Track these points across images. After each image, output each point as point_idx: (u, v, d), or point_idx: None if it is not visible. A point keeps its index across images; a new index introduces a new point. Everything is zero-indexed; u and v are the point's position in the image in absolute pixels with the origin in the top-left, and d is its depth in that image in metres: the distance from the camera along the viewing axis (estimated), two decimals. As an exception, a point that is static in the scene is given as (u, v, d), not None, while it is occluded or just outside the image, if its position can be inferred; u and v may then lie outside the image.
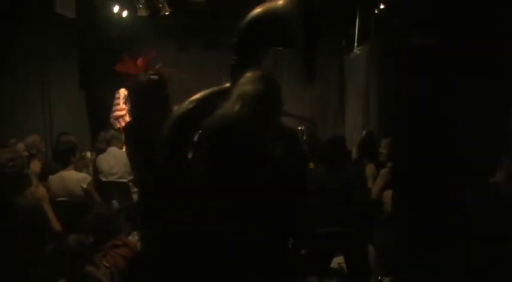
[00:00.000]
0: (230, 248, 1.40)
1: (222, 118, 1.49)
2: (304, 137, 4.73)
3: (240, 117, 1.47)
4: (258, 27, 1.92)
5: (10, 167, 2.60)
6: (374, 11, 7.08)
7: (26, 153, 4.17)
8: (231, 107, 1.52)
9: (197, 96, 1.87)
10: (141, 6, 7.05)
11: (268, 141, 1.50)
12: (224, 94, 1.68)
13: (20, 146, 4.40)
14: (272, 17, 1.90)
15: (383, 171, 4.19)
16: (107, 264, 2.76)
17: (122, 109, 7.40)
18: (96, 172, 4.97)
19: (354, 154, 5.11)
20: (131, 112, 2.77)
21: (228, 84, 1.84)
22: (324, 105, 9.18)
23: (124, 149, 5.48)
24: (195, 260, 1.29)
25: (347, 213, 3.47)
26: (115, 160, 4.93)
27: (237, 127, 1.45)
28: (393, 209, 3.53)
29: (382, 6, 6.87)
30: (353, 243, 3.48)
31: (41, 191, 3.34)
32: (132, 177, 4.87)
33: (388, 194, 3.36)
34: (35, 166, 4.07)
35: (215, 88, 1.89)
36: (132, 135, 2.71)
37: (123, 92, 7.56)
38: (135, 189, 5.02)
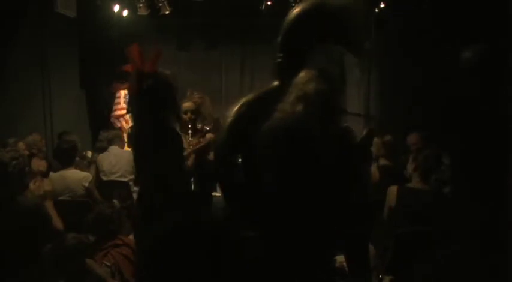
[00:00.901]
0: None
1: (286, 120, 1.45)
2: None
3: (305, 119, 1.44)
4: (309, 22, 1.77)
5: (13, 166, 2.61)
6: (374, 10, 7.08)
7: (26, 152, 4.17)
8: (292, 108, 1.47)
9: (248, 98, 1.78)
10: (141, 5, 7.06)
11: (330, 141, 1.47)
12: (276, 94, 1.62)
13: (21, 145, 4.40)
14: (329, 11, 1.76)
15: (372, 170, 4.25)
16: (108, 264, 2.76)
17: (122, 108, 7.40)
18: (97, 171, 4.97)
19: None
20: (141, 113, 2.66)
21: (276, 83, 1.76)
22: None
23: (126, 148, 5.50)
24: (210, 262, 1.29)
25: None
26: (116, 159, 4.93)
27: (302, 129, 1.42)
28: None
29: (382, 5, 6.88)
30: (354, 241, 3.48)
31: (44, 187, 3.35)
32: (132, 176, 4.88)
33: (393, 190, 3.36)
34: (36, 165, 4.08)
35: (264, 89, 1.81)
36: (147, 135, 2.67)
37: (123, 92, 7.56)
38: (136, 189, 5.03)
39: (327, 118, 1.50)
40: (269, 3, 7.37)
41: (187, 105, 4.16)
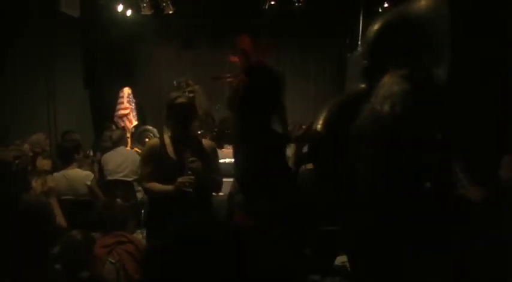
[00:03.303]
0: None
1: (375, 117, 1.56)
2: None
3: (391, 116, 1.54)
4: (394, 32, 1.88)
5: (16, 164, 2.63)
6: (378, 9, 7.08)
7: (30, 154, 4.18)
8: (380, 106, 1.60)
9: (338, 100, 1.91)
10: (145, 5, 7.08)
11: (415, 137, 1.57)
12: (364, 95, 1.72)
13: (26, 146, 4.41)
14: (413, 22, 1.85)
15: None
16: (113, 261, 2.77)
17: (125, 108, 7.43)
18: (101, 170, 5.00)
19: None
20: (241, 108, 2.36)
21: (363, 86, 1.88)
22: (324, 102, 9.18)
23: (131, 148, 5.52)
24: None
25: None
26: (122, 158, 4.96)
27: (389, 125, 1.52)
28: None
29: (386, 5, 6.88)
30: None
31: (50, 184, 3.35)
32: (136, 176, 4.89)
33: None
34: (41, 164, 4.08)
35: (353, 91, 1.93)
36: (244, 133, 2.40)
37: (127, 91, 7.59)
38: (139, 188, 5.05)
39: (413, 115, 1.60)
40: (272, 3, 7.37)
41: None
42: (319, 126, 1.92)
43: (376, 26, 1.92)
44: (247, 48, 2.39)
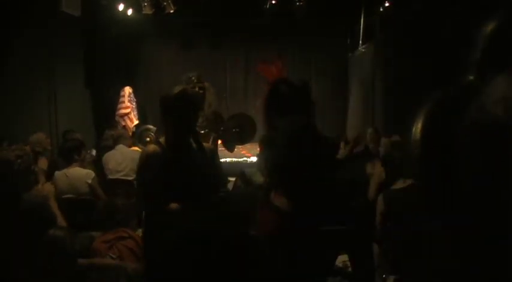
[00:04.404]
0: None
1: (488, 121, 1.53)
2: None
3: (506, 121, 1.52)
4: None
5: (19, 164, 2.63)
6: (379, 9, 7.08)
7: (31, 153, 4.19)
8: (494, 109, 1.56)
9: (440, 96, 1.85)
10: (145, 4, 7.08)
11: None
12: (471, 90, 1.67)
13: (28, 148, 4.42)
14: None
15: (378, 170, 4.19)
16: (114, 256, 2.78)
17: (126, 107, 7.44)
18: (102, 169, 4.99)
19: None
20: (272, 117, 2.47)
21: (471, 78, 1.84)
22: (326, 101, 9.20)
23: (132, 148, 5.51)
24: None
25: (348, 211, 3.48)
26: (122, 157, 4.95)
27: (499, 132, 1.49)
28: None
29: (387, 4, 6.88)
30: (357, 241, 3.49)
31: (47, 187, 3.37)
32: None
33: (379, 197, 3.36)
34: (42, 163, 4.09)
35: (456, 85, 1.87)
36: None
37: (128, 90, 7.60)
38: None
39: None
40: (273, 2, 7.38)
41: None
42: (419, 125, 1.88)
43: (497, 19, 1.84)
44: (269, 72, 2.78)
